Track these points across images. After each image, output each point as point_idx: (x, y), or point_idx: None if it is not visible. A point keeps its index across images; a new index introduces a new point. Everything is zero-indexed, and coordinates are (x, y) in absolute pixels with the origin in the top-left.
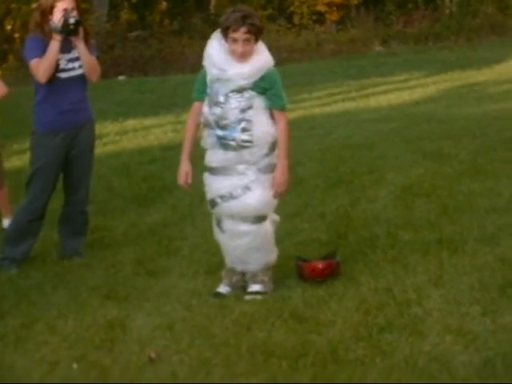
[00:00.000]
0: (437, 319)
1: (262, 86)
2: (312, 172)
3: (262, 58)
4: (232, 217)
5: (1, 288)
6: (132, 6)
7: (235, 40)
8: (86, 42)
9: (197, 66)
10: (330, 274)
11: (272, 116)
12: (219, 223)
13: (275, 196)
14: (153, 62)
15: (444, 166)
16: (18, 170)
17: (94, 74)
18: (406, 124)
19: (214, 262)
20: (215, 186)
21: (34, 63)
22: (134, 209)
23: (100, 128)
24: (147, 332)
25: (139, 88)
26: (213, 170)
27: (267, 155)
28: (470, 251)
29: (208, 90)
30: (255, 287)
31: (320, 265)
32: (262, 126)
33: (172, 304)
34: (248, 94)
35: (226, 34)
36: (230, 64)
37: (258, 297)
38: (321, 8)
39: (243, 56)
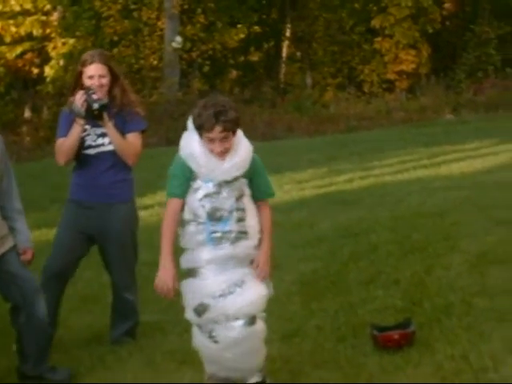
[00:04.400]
0: None
1: (249, 173)
2: (385, 239)
3: (243, 149)
4: (221, 322)
5: (77, 351)
6: (203, 75)
7: (211, 140)
8: (132, 113)
9: (267, 134)
10: (405, 344)
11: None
12: (211, 334)
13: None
14: None
15: None
16: None
17: (128, 157)
18: (478, 192)
19: (288, 328)
20: (204, 288)
21: (57, 143)
22: None
23: None
24: None
25: None
26: (197, 272)
27: (257, 247)
28: None
29: (192, 183)
30: None
31: (395, 335)
32: (254, 214)
33: None
34: (239, 181)
35: (200, 132)
36: (214, 163)
37: None
38: (390, 76)
39: (223, 155)
